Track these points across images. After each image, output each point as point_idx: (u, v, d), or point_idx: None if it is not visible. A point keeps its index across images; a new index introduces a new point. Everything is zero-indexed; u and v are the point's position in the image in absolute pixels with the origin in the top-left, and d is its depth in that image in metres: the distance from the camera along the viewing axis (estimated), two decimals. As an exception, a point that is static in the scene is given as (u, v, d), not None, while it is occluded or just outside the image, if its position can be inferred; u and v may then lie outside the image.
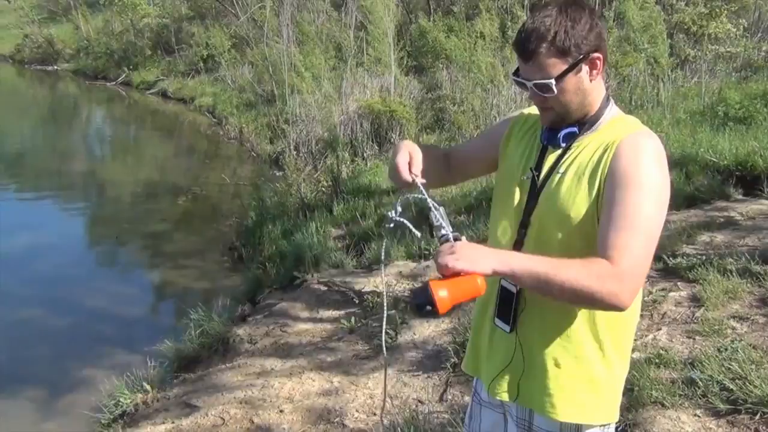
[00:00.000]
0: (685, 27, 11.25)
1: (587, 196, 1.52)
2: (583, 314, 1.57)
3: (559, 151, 1.61)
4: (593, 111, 1.58)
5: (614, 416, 1.65)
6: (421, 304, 1.40)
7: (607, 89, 1.62)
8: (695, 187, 5.98)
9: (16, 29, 27.18)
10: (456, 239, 1.53)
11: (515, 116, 1.80)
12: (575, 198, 1.53)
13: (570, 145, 1.59)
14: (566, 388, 1.60)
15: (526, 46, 1.51)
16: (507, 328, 1.64)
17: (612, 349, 1.59)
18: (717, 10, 10.93)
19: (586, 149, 1.56)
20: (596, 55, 1.52)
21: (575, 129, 1.59)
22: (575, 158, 1.57)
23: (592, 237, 1.49)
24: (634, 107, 9.06)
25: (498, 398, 1.70)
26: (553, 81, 1.50)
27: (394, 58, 11.06)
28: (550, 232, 1.58)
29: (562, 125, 1.59)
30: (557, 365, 1.59)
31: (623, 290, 1.41)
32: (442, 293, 1.38)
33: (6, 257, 7.33)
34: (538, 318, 1.60)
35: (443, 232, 1.55)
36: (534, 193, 1.61)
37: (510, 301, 1.63)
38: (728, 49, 10.72)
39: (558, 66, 1.50)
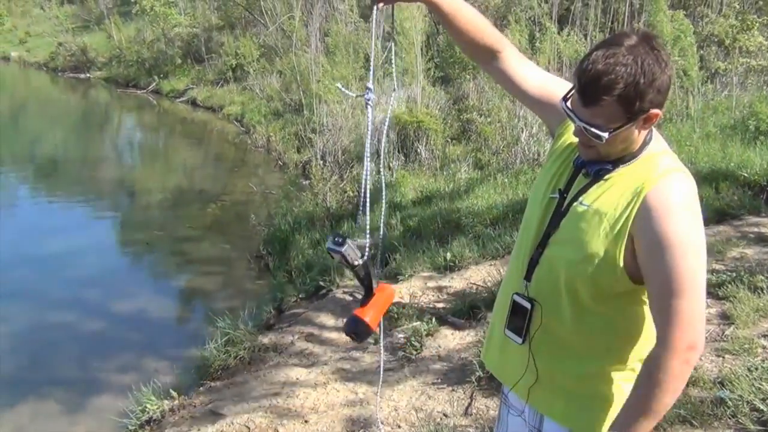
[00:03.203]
0: (717, 39, 11.12)
1: (605, 242, 1.50)
2: (594, 343, 1.61)
3: (586, 181, 1.59)
4: (634, 150, 1.54)
5: None
6: (359, 332, 1.62)
7: None
8: (725, 202, 5.91)
9: (50, 37, 27.73)
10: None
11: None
12: (592, 239, 1.52)
13: (600, 178, 1.56)
14: (572, 398, 1.64)
15: (590, 90, 1.42)
16: (519, 340, 1.68)
17: (620, 376, 1.61)
18: (749, 23, 10.79)
19: (613, 187, 1.53)
20: (655, 112, 1.45)
21: (609, 165, 1.54)
22: (602, 194, 1.54)
23: (598, 281, 1.52)
24: (663, 120, 8.98)
25: (519, 400, 1.77)
26: (606, 135, 1.45)
27: (422, 68, 11.08)
28: (560, 261, 1.59)
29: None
30: (563, 378, 1.64)
31: (689, 356, 1.45)
32: (368, 317, 1.62)
33: (37, 261, 7.48)
34: (550, 338, 1.64)
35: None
36: (558, 216, 1.61)
37: (522, 315, 1.67)
38: (759, 62, 10.56)
39: (616, 119, 1.44)
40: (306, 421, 3.57)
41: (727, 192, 6.09)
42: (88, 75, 23.84)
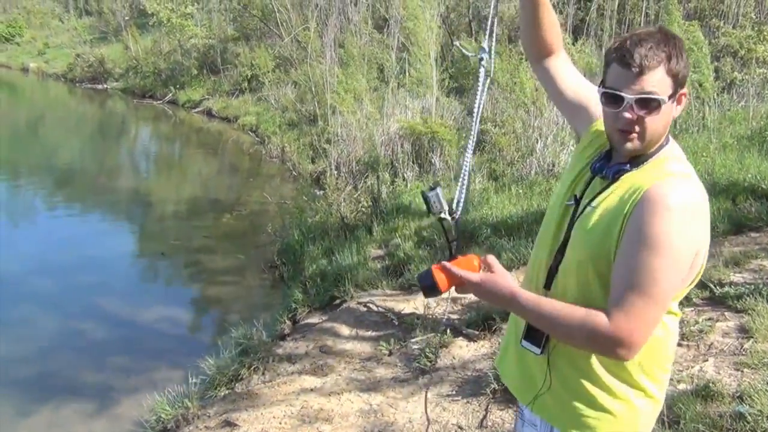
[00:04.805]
0: (732, 50, 11.07)
1: (605, 238, 1.51)
2: None
3: (603, 184, 1.59)
4: (654, 149, 1.56)
5: None
6: (428, 286, 1.67)
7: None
8: (743, 213, 5.85)
9: (68, 49, 28.07)
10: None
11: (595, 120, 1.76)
12: (595, 237, 1.54)
13: (614, 180, 1.57)
14: (583, 410, 1.61)
15: (646, 58, 1.47)
16: (537, 350, 1.67)
17: (632, 392, 1.59)
18: (765, 33, 10.74)
19: (620, 187, 1.54)
20: (684, 91, 1.53)
21: (626, 165, 1.56)
22: (610, 195, 1.55)
23: (607, 278, 1.51)
24: (679, 131, 8.93)
25: (534, 413, 1.75)
26: (665, 98, 1.48)
27: (436, 79, 11.11)
28: (572, 264, 1.60)
29: (632, 157, 1.56)
30: (576, 389, 1.62)
31: (619, 349, 1.47)
32: (442, 276, 1.67)
33: (54, 270, 7.54)
34: (569, 349, 1.61)
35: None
36: (573, 222, 1.63)
37: None
38: (777, 73, 10.50)
39: (667, 88, 1.49)
40: (320, 432, 3.56)
41: (745, 203, 6.03)
42: (105, 86, 24.09)
